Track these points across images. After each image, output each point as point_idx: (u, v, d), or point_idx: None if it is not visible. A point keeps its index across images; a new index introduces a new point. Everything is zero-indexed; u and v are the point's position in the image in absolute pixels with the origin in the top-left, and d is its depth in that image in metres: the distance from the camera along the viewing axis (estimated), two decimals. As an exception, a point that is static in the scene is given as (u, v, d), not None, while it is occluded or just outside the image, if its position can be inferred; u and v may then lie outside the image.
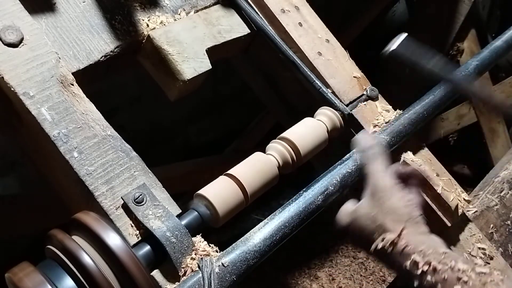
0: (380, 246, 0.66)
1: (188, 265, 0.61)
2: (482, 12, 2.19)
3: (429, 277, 0.61)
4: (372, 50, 2.38)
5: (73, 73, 0.71)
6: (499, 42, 1.03)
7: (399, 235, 0.65)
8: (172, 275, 0.61)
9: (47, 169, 0.74)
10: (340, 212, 0.73)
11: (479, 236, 0.92)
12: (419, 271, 0.62)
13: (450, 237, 0.89)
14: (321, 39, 0.94)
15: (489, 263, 0.89)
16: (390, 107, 0.93)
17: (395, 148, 0.85)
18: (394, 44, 0.86)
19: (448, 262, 0.61)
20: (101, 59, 0.76)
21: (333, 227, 0.73)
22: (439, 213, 0.86)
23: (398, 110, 0.91)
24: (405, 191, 0.71)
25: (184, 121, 1.97)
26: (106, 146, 0.67)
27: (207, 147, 2.02)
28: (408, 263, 0.64)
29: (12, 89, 0.65)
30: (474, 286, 0.58)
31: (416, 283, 0.63)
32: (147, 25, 0.81)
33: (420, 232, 0.67)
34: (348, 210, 0.72)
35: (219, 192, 0.69)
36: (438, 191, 0.85)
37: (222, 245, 0.66)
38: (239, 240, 0.65)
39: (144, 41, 0.81)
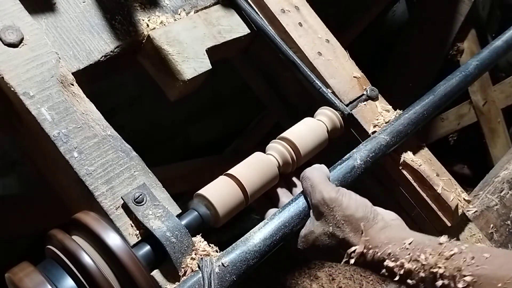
0: (352, 262, 0.64)
1: (188, 265, 0.61)
2: (482, 12, 2.19)
3: (409, 281, 0.59)
4: (373, 49, 2.39)
5: (73, 73, 0.71)
6: (499, 42, 1.03)
7: (364, 246, 0.63)
8: (172, 275, 0.61)
9: (47, 169, 0.74)
10: (298, 239, 0.70)
11: (479, 236, 0.92)
12: (397, 277, 0.60)
13: (450, 237, 0.89)
14: (321, 39, 0.94)
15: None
16: (390, 107, 0.93)
17: (395, 148, 0.85)
18: None
19: (417, 257, 0.59)
20: (101, 59, 0.76)
21: (297, 255, 0.71)
22: (439, 213, 0.86)
23: (398, 110, 0.91)
24: (350, 192, 0.68)
25: (184, 121, 1.96)
26: (106, 146, 0.67)
27: (207, 147, 2.02)
28: (383, 270, 0.62)
29: (12, 89, 0.65)
30: (452, 276, 0.56)
31: (400, 287, 0.61)
32: (147, 25, 0.81)
33: (380, 229, 0.64)
34: (303, 234, 0.70)
35: (219, 192, 0.69)
36: (438, 191, 0.85)
37: (222, 245, 0.66)
38: (239, 240, 0.65)
39: (144, 41, 0.81)
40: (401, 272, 0.60)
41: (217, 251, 0.64)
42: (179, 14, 0.86)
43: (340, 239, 0.65)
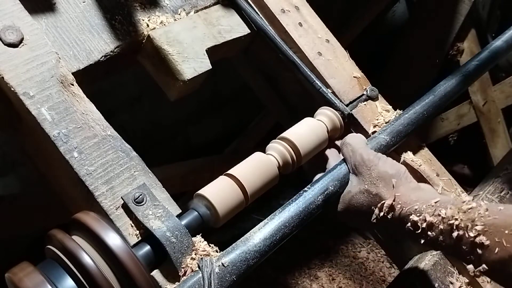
0: (381, 214, 0.68)
1: (188, 265, 0.61)
2: (482, 12, 2.18)
3: (429, 233, 0.63)
4: (373, 49, 2.39)
5: (73, 73, 0.71)
6: (499, 42, 1.03)
7: (394, 199, 0.68)
8: (172, 275, 0.61)
9: (47, 169, 0.74)
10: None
11: (479, 236, 0.92)
12: (419, 230, 0.64)
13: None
14: (321, 39, 0.94)
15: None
16: (390, 107, 0.93)
17: (395, 148, 0.85)
18: None
19: (439, 212, 0.63)
20: (101, 59, 0.76)
21: (336, 220, 0.76)
22: (439, 213, 0.86)
23: (398, 110, 0.92)
24: (387, 157, 0.75)
25: (184, 121, 1.97)
26: (106, 146, 0.67)
27: (207, 147, 2.02)
28: (408, 224, 0.66)
29: (12, 89, 0.65)
30: (466, 226, 0.60)
31: (422, 241, 0.65)
32: (147, 25, 0.81)
33: (412, 188, 0.69)
34: (342, 196, 0.75)
35: (219, 192, 0.69)
36: (438, 191, 0.85)
37: (222, 245, 0.66)
38: (239, 240, 0.66)
39: (144, 41, 0.81)
40: (424, 225, 0.64)
41: (217, 251, 0.64)
42: (179, 14, 0.86)
43: (373, 194, 0.70)
